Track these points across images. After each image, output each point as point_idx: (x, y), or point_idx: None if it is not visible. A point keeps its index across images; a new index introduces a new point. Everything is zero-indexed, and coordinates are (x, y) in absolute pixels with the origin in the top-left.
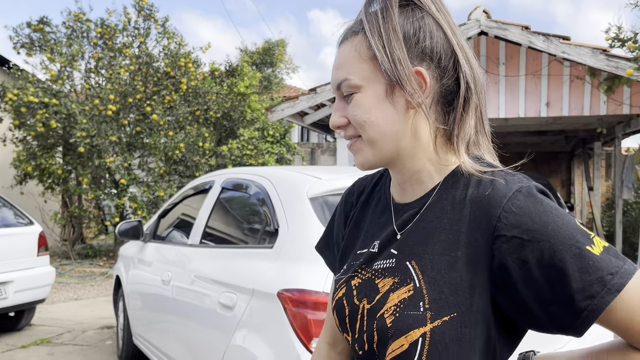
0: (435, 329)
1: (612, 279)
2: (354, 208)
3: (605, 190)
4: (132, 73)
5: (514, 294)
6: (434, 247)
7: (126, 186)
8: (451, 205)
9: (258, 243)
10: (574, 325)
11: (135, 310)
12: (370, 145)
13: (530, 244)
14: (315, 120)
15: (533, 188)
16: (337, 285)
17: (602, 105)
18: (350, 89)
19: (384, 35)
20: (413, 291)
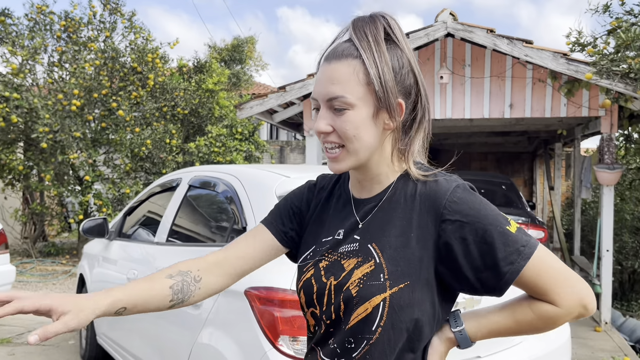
0: (393, 294)
1: (525, 250)
2: (314, 199)
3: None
4: (98, 68)
5: (454, 265)
6: (390, 232)
7: (91, 183)
8: (404, 199)
9: (226, 241)
10: (498, 285)
11: None
12: (352, 155)
13: (469, 225)
14: (284, 119)
15: (466, 185)
16: (305, 268)
17: (563, 108)
18: (344, 105)
19: (379, 66)
20: (374, 266)
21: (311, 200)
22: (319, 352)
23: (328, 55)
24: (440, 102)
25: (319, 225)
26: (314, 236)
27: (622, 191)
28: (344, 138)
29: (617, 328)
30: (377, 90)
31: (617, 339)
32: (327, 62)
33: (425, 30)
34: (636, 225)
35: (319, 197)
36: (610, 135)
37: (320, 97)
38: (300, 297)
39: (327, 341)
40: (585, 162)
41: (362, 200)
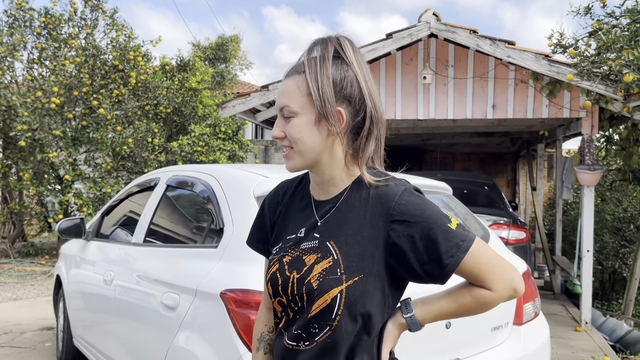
0: (348, 287)
1: (463, 244)
2: (281, 205)
3: (547, 191)
4: (78, 65)
5: (403, 259)
6: (347, 231)
7: (71, 182)
8: (359, 201)
9: (203, 242)
10: (441, 275)
11: (76, 311)
12: (298, 155)
13: (415, 225)
14: (267, 118)
15: (412, 188)
16: (271, 263)
17: (545, 109)
18: (289, 113)
19: (319, 80)
20: (332, 262)
21: (276, 207)
22: (285, 336)
23: (286, 72)
24: (423, 102)
25: (284, 224)
26: (280, 234)
27: (603, 192)
28: (291, 141)
29: (597, 328)
30: (314, 99)
31: (597, 339)
32: (284, 79)
33: (409, 30)
34: (616, 225)
35: (283, 200)
36: (591, 137)
37: (278, 107)
38: (268, 288)
39: (292, 326)
40: (567, 163)
41: (321, 201)
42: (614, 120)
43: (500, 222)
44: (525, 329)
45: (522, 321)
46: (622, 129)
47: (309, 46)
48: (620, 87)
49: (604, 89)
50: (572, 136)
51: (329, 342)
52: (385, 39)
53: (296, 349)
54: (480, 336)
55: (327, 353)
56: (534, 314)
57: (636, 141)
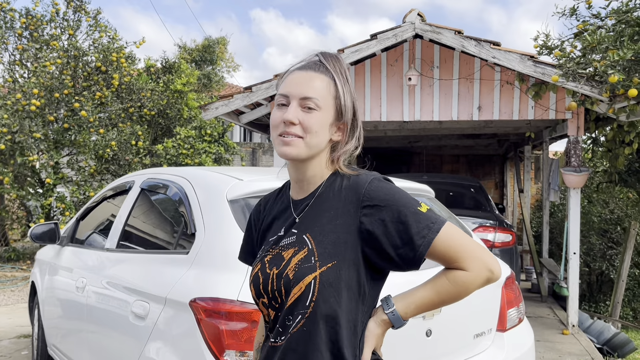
0: (322, 273)
1: (434, 225)
2: (263, 214)
3: (535, 193)
4: (60, 67)
5: (376, 244)
6: (321, 221)
7: (53, 185)
8: (332, 192)
9: (174, 248)
10: (415, 258)
11: (50, 319)
12: (307, 147)
13: (385, 209)
14: (251, 120)
15: (381, 176)
16: (254, 264)
17: (530, 110)
18: (315, 106)
19: (345, 92)
20: (307, 252)
21: (259, 218)
22: (270, 337)
23: (304, 65)
24: (408, 103)
25: (267, 229)
26: (264, 239)
27: (590, 194)
28: (307, 131)
29: (584, 330)
30: (342, 105)
31: (585, 342)
32: (304, 70)
33: (394, 30)
34: (603, 227)
35: (265, 210)
36: (577, 138)
37: (295, 94)
38: (251, 289)
39: (275, 324)
40: (553, 165)
41: (299, 200)
42: (599, 121)
43: (487, 225)
44: (509, 335)
45: (506, 327)
46: (608, 131)
47: (322, 55)
48: (605, 88)
49: (590, 90)
50: (559, 138)
51: (304, 330)
52: (369, 39)
53: (274, 345)
54: (462, 343)
55: (302, 343)
56: (518, 319)
57: (622, 142)
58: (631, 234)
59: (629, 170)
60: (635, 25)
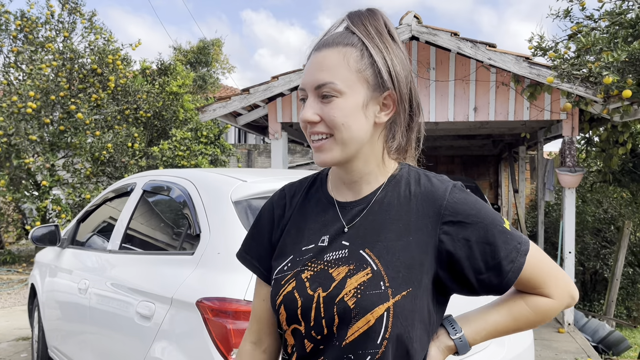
0: (396, 302)
1: (521, 246)
2: (288, 209)
3: (529, 193)
4: (56, 69)
5: (456, 267)
6: (386, 235)
7: (49, 188)
8: (397, 200)
9: (179, 249)
10: (501, 284)
11: (50, 320)
12: (340, 145)
13: (471, 226)
14: (248, 121)
15: (461, 184)
16: (284, 281)
17: (525, 111)
18: (332, 92)
19: (387, 56)
20: (372, 274)
21: (282, 213)
22: None
23: (318, 44)
24: None
25: (295, 233)
26: (291, 245)
27: (584, 193)
28: (332, 126)
29: (579, 329)
30: (377, 74)
31: (580, 340)
32: (317, 51)
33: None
34: (597, 226)
35: (292, 204)
36: (572, 139)
37: (308, 86)
38: (280, 313)
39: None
40: (548, 165)
41: (347, 203)
42: (593, 122)
43: None
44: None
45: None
46: (602, 131)
47: (348, 17)
48: (600, 89)
49: (584, 91)
50: (553, 138)
51: None
52: None
53: None
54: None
55: None
56: None
57: (616, 143)
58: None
59: (623, 170)
60: (629, 27)
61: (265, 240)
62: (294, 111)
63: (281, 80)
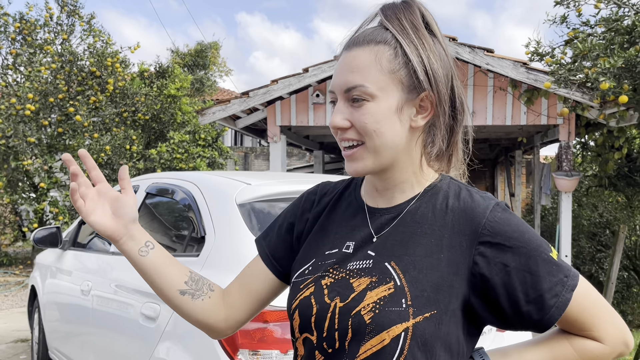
0: (417, 324)
1: (568, 280)
2: (316, 206)
3: (525, 196)
4: (54, 71)
5: (490, 295)
6: (415, 250)
7: (46, 190)
8: (432, 212)
9: (184, 251)
10: (542, 321)
11: (51, 322)
12: (372, 153)
13: (511, 250)
14: (247, 125)
15: (504, 204)
16: (302, 285)
17: (523, 116)
18: (363, 96)
19: (423, 54)
20: (394, 289)
21: (308, 209)
22: None
23: (349, 42)
24: None
25: (321, 235)
26: (314, 248)
27: (580, 197)
28: (364, 133)
29: None
30: (413, 74)
31: None
32: (348, 50)
33: None
34: (593, 230)
35: (321, 203)
36: (568, 143)
37: (337, 88)
38: (294, 319)
39: None
40: (545, 169)
41: (378, 209)
42: (590, 127)
43: None
44: (509, 334)
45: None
46: (597, 136)
47: (381, 11)
48: (596, 94)
49: (581, 97)
50: (550, 143)
51: None
52: None
53: None
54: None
55: None
56: None
57: (612, 147)
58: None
59: (618, 175)
60: (625, 33)
61: (281, 227)
62: (292, 114)
63: (280, 84)
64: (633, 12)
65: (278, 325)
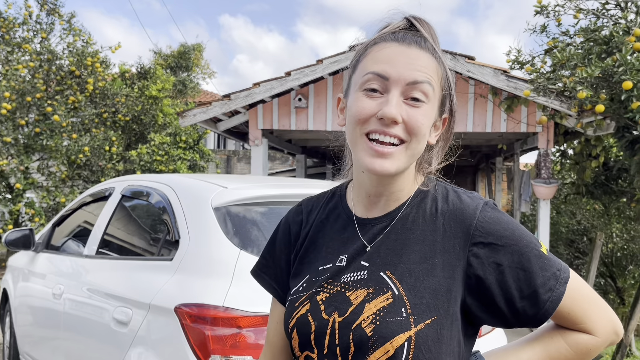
0: (419, 332)
1: (561, 274)
2: (305, 227)
3: (505, 203)
4: (32, 70)
5: (486, 294)
6: (409, 257)
7: (22, 191)
8: (422, 218)
9: (158, 254)
10: (537, 316)
11: (23, 326)
12: (409, 157)
13: (503, 249)
14: (229, 127)
15: (492, 203)
16: (298, 302)
17: (503, 123)
18: (424, 97)
19: (450, 76)
20: (392, 299)
21: (297, 232)
22: None
23: (404, 36)
24: None
25: (312, 251)
26: (307, 265)
27: (558, 205)
28: (413, 133)
29: None
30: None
31: None
32: (405, 44)
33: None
34: (571, 237)
35: (309, 222)
36: (547, 151)
37: (398, 77)
38: (293, 338)
39: None
40: (524, 176)
41: (368, 220)
42: (568, 135)
43: None
44: (484, 341)
45: (481, 334)
46: (576, 144)
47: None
48: (574, 103)
49: (559, 105)
50: (529, 150)
51: None
52: (348, 51)
53: None
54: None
55: None
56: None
57: (589, 156)
58: (597, 245)
59: (595, 183)
60: (603, 43)
61: (281, 259)
62: (274, 118)
63: (262, 87)
64: (611, 23)
65: (251, 331)
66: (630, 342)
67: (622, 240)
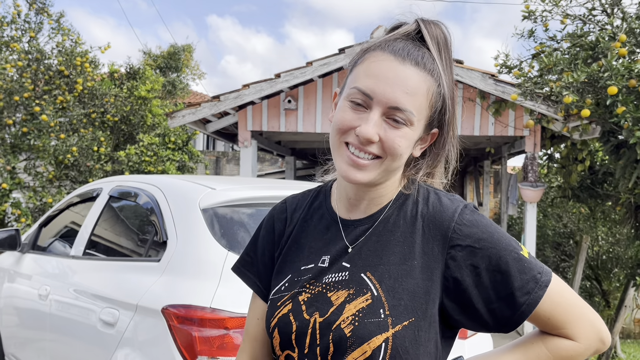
0: (396, 333)
1: (541, 277)
2: (289, 225)
3: (493, 206)
4: (20, 69)
5: (463, 297)
6: (389, 258)
7: (8, 191)
8: (403, 220)
9: (145, 255)
10: (512, 318)
11: (8, 327)
12: (383, 170)
13: (481, 251)
14: (218, 129)
15: (472, 205)
16: (280, 302)
17: (491, 127)
18: (407, 122)
19: (449, 88)
20: (371, 300)
21: (282, 230)
22: None
23: (402, 50)
24: None
25: (295, 250)
26: (289, 264)
27: (545, 208)
28: (389, 153)
29: None
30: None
31: None
32: (400, 59)
33: (361, 45)
34: (557, 240)
35: (293, 220)
36: (534, 154)
37: (381, 99)
38: (274, 337)
39: None
40: (512, 179)
41: (352, 221)
42: (555, 139)
43: None
44: (470, 343)
45: (467, 335)
46: (562, 148)
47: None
48: (560, 107)
49: (546, 109)
50: (517, 154)
51: None
52: (337, 53)
53: None
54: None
55: None
56: None
57: (575, 160)
58: (583, 247)
59: (581, 186)
60: (589, 49)
61: (264, 256)
62: (264, 119)
63: (252, 88)
64: (597, 29)
65: (238, 332)
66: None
67: (607, 243)
